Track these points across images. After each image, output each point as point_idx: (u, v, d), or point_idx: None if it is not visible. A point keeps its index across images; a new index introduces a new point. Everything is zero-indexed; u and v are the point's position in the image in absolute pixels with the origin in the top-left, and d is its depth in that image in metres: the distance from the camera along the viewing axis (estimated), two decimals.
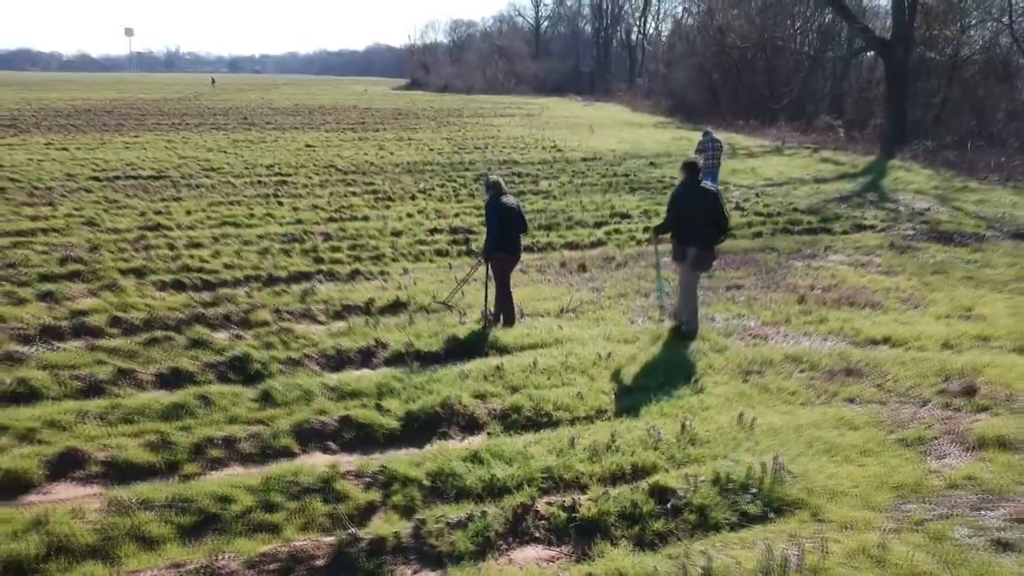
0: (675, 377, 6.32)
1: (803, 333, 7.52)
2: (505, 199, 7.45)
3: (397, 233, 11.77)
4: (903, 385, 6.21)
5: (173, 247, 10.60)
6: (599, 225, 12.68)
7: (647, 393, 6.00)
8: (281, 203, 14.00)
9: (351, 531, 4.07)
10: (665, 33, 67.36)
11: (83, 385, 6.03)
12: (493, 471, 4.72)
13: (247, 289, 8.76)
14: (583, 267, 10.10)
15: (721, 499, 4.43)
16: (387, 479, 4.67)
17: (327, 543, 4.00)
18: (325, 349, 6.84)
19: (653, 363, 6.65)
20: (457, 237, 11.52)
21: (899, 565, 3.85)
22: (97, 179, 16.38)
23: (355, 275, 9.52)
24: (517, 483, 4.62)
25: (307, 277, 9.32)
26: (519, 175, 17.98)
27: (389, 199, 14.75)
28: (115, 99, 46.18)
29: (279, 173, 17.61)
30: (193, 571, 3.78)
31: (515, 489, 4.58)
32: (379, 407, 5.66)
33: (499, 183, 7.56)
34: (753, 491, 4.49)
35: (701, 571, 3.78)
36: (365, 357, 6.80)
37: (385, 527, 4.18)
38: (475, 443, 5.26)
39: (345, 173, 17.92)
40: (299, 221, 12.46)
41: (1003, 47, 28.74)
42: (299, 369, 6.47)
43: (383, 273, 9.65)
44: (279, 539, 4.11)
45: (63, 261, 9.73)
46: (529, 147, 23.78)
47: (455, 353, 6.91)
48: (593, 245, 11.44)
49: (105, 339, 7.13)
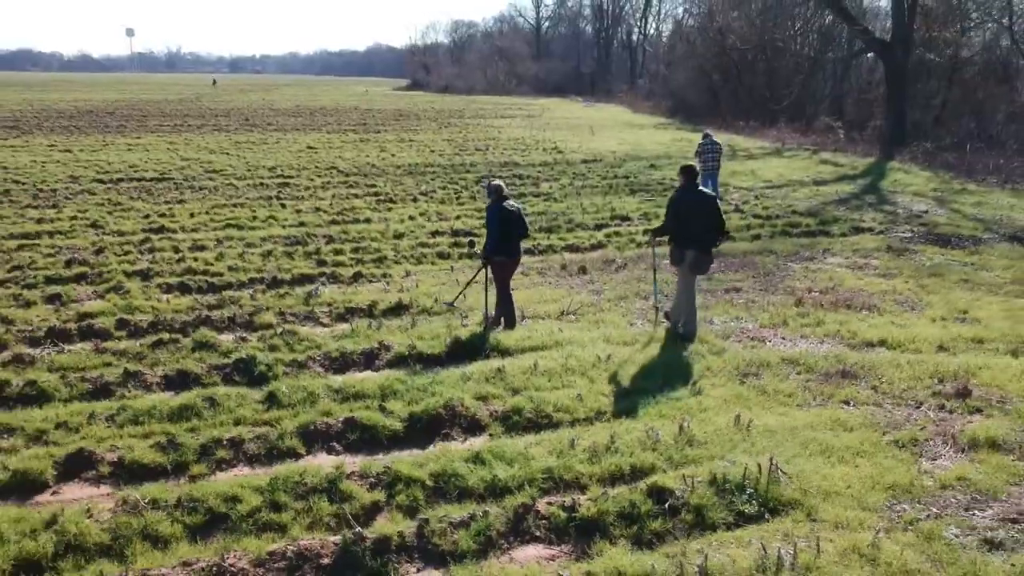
0: (673, 379, 6.43)
1: (800, 336, 7.62)
2: (507, 204, 7.54)
3: (399, 236, 11.87)
4: (898, 387, 6.30)
5: (177, 250, 10.71)
6: (599, 227, 12.78)
7: (646, 395, 6.10)
8: (284, 205, 14.11)
9: (356, 530, 4.17)
10: (666, 34, 67.50)
11: (91, 387, 6.15)
12: (495, 472, 4.82)
13: (251, 292, 8.86)
14: (583, 269, 10.20)
15: (718, 499, 4.53)
16: (391, 479, 4.78)
17: (333, 542, 4.10)
18: (329, 351, 6.95)
19: (652, 365, 6.75)
20: (459, 239, 11.62)
21: (890, 564, 3.95)
22: (101, 181, 16.51)
23: (358, 278, 9.62)
24: (518, 483, 4.73)
25: (310, 280, 9.43)
26: (520, 177, 18.08)
27: (391, 201, 14.86)
28: (117, 100, 46.33)
29: (281, 175, 17.73)
30: (203, 569, 3.88)
31: (516, 489, 4.68)
32: (383, 409, 5.76)
33: (500, 187, 7.66)
34: (749, 491, 4.59)
35: (697, 569, 3.88)
36: (368, 359, 6.91)
37: (389, 526, 4.28)
38: (477, 444, 5.36)
39: (347, 175, 18.03)
40: (302, 224, 12.57)
41: (1003, 48, 28.84)
42: (304, 371, 6.58)
43: (385, 276, 9.76)
44: (286, 538, 4.21)
45: (69, 263, 9.85)
46: (530, 149, 23.89)
47: (457, 355, 7.01)
48: (593, 247, 11.54)
49: (112, 341, 7.25)
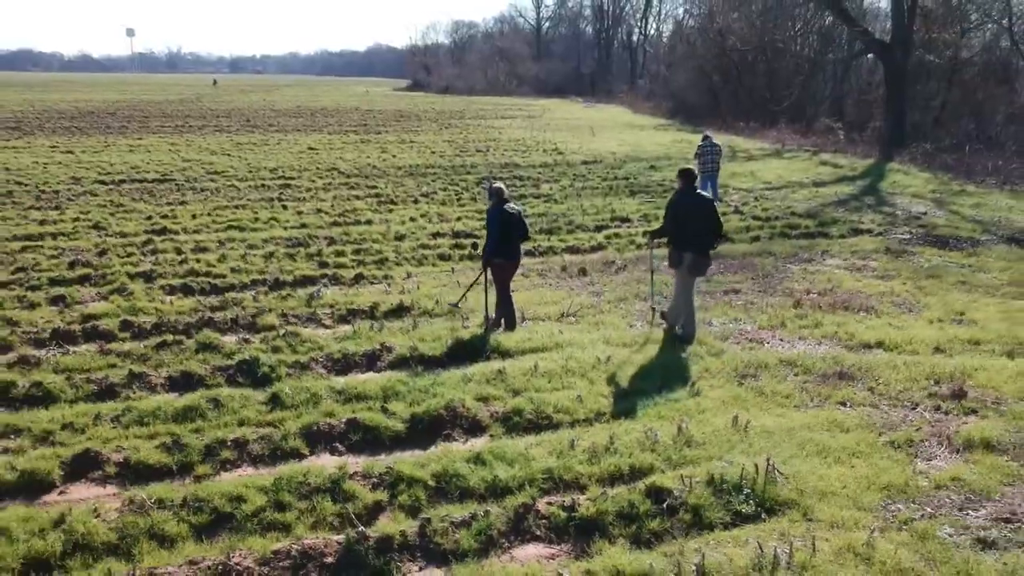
0: (672, 380, 6.50)
1: (798, 337, 7.69)
2: (507, 207, 7.59)
3: (400, 237, 11.94)
4: (894, 388, 6.37)
5: (180, 251, 10.78)
6: (599, 229, 12.85)
7: (645, 396, 6.17)
8: (285, 207, 14.18)
9: (359, 530, 4.24)
10: (666, 35, 67.57)
11: (96, 388, 6.22)
12: (495, 472, 4.89)
13: (254, 293, 8.93)
14: (583, 271, 10.27)
15: (715, 499, 4.60)
16: (393, 480, 4.85)
17: (336, 541, 4.17)
18: (331, 353, 7.02)
19: (651, 367, 6.82)
20: (460, 241, 11.69)
21: (884, 563, 4.01)
22: (103, 182, 16.59)
23: (359, 279, 9.69)
24: (519, 484, 4.80)
25: (312, 281, 9.50)
26: (520, 178, 18.15)
27: (392, 203, 14.93)
28: (118, 100, 46.42)
29: (282, 176, 17.79)
30: (209, 568, 3.95)
31: (517, 489, 4.75)
32: (385, 410, 5.83)
33: (502, 190, 7.70)
34: (746, 491, 4.66)
35: (695, 568, 3.95)
36: (370, 361, 6.98)
37: (392, 526, 4.35)
38: (478, 445, 5.43)
39: (348, 176, 18.10)
40: (303, 225, 12.64)
41: (1003, 49, 28.90)
42: (306, 372, 6.64)
43: (387, 277, 9.83)
44: (290, 537, 4.28)
45: (72, 265, 9.92)
46: (530, 150, 23.96)
47: (458, 357, 7.08)
48: (593, 249, 11.61)
49: (116, 343, 7.33)
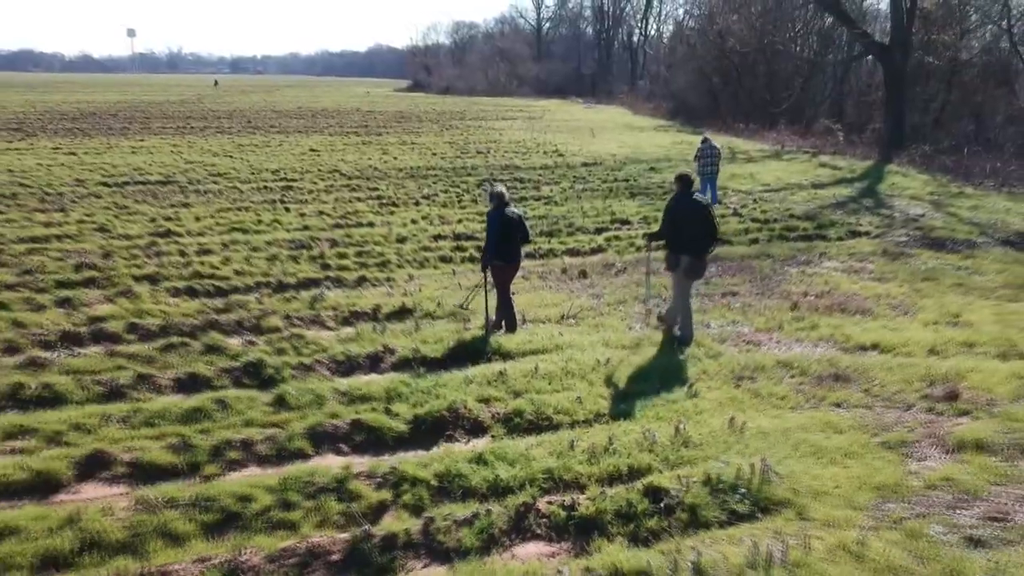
0: (670, 382, 6.60)
1: (795, 339, 7.80)
2: (508, 210, 7.66)
3: (402, 239, 12.05)
4: (889, 390, 6.48)
5: (184, 253, 10.88)
6: (599, 231, 12.95)
7: (643, 397, 6.28)
8: (288, 209, 14.29)
9: (364, 528, 4.35)
10: (667, 36, 67.67)
11: (105, 390, 6.32)
12: (497, 472, 5.00)
13: (258, 295, 9.05)
14: (584, 273, 10.38)
15: (711, 498, 4.71)
16: (397, 479, 4.96)
17: (342, 539, 4.29)
18: (335, 354, 7.13)
19: (650, 368, 6.93)
20: (461, 243, 11.80)
21: (876, 560, 4.12)
22: (106, 184, 16.67)
23: (362, 281, 9.80)
24: (519, 483, 4.91)
25: (315, 283, 9.60)
26: (521, 181, 18.25)
27: (393, 205, 15.03)
28: (119, 101, 46.52)
29: (284, 178, 17.90)
30: (218, 565, 4.07)
31: (518, 489, 4.86)
32: (388, 411, 5.95)
33: (502, 195, 7.74)
34: (742, 491, 4.77)
35: (691, 565, 4.06)
36: (374, 362, 7.09)
37: (396, 524, 4.47)
38: (480, 445, 5.54)
39: (349, 178, 18.20)
40: (306, 227, 12.75)
41: (1002, 51, 28.98)
42: (311, 374, 6.75)
43: (389, 279, 9.94)
44: (297, 535, 4.40)
45: (78, 267, 10.01)
46: (531, 152, 24.05)
47: (460, 358, 7.19)
48: (593, 251, 11.72)
49: (123, 345, 7.43)
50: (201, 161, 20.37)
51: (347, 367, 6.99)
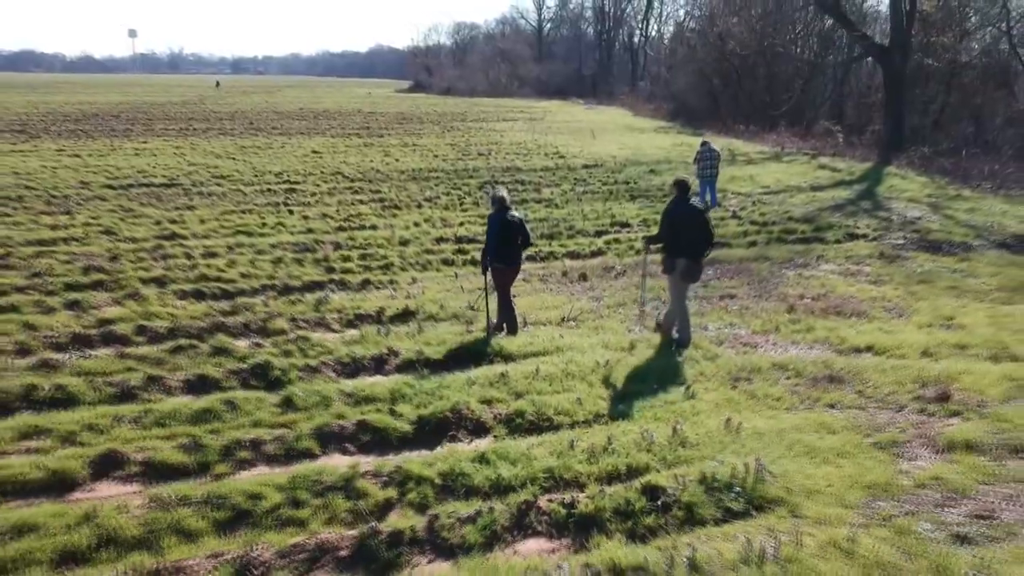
0: (668, 383, 6.75)
1: (791, 342, 7.95)
2: (509, 214, 7.80)
3: (405, 242, 12.20)
4: (882, 391, 6.63)
5: (190, 256, 11.04)
6: (599, 234, 13.10)
7: (642, 399, 6.44)
8: (291, 212, 14.45)
9: (371, 525, 4.51)
10: (667, 36, 67.78)
11: (116, 391, 6.48)
12: (499, 471, 5.15)
13: (264, 298, 9.20)
14: (584, 276, 10.53)
15: (707, 497, 4.86)
16: (402, 478, 5.11)
17: (350, 536, 4.45)
18: (340, 357, 7.28)
19: (648, 370, 7.08)
20: (463, 246, 11.95)
21: (865, 556, 4.27)
22: (111, 187, 16.83)
23: (366, 284, 9.95)
24: (521, 482, 5.07)
25: (320, 286, 9.75)
26: (522, 183, 18.41)
27: (396, 207, 15.19)
28: (121, 102, 46.70)
29: (288, 181, 18.06)
30: (231, 560, 4.22)
31: (519, 488, 5.02)
32: (393, 412, 6.10)
33: (504, 199, 7.88)
34: (737, 490, 4.92)
35: (687, 561, 4.21)
36: (378, 364, 7.25)
37: (402, 521, 4.63)
38: (482, 445, 5.70)
39: (352, 181, 18.36)
40: (310, 230, 12.91)
41: (1002, 53, 29.10)
42: (317, 376, 6.91)
43: (392, 282, 10.09)
44: (306, 532, 4.55)
45: (86, 270, 10.17)
46: (531, 153, 24.20)
47: (462, 360, 7.34)
48: (593, 254, 11.87)
49: (132, 347, 7.59)
50: (204, 163, 20.54)
51: (352, 369, 7.15)
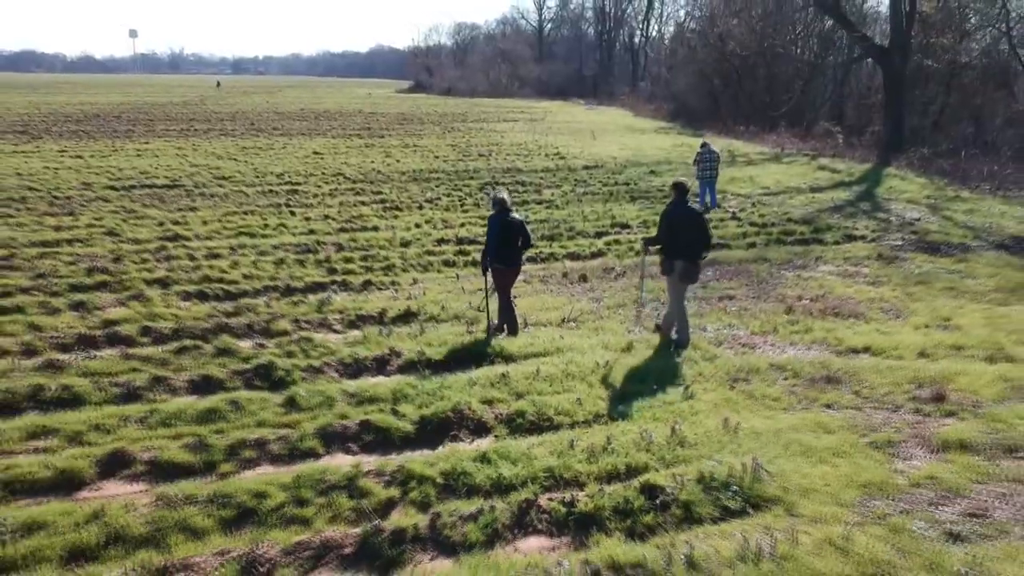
0: (667, 384, 6.83)
1: (789, 342, 8.02)
2: (510, 216, 7.87)
3: (406, 244, 12.28)
4: (878, 392, 6.71)
5: (193, 258, 11.12)
6: (600, 235, 13.18)
7: (641, 399, 6.51)
8: (293, 213, 14.52)
9: (375, 523, 4.59)
10: (668, 37, 67.86)
11: (122, 391, 6.57)
12: (500, 470, 5.24)
13: (266, 299, 9.28)
14: (584, 277, 10.60)
15: (705, 496, 4.94)
16: (405, 477, 5.19)
17: (354, 534, 4.53)
18: (343, 357, 7.36)
19: (647, 371, 7.15)
20: (463, 248, 12.03)
21: (860, 554, 4.35)
22: (113, 188, 16.91)
23: (367, 285, 10.03)
24: (522, 481, 5.15)
25: (322, 287, 9.83)
26: (523, 184, 18.48)
27: (397, 209, 15.27)
28: (122, 103, 46.79)
29: (289, 182, 18.14)
30: (237, 558, 4.30)
31: (520, 486, 5.10)
32: (395, 412, 6.18)
33: (504, 201, 7.93)
34: (734, 488, 5.00)
35: (684, 558, 4.29)
36: (380, 365, 7.33)
37: (405, 520, 4.70)
38: (483, 445, 5.78)
39: (353, 182, 18.44)
40: (311, 231, 12.99)
41: (1001, 53, 29.16)
42: (320, 376, 6.99)
43: (394, 283, 10.17)
44: (311, 530, 4.63)
45: (90, 272, 10.26)
46: (532, 154, 24.28)
47: (463, 361, 7.42)
48: (594, 256, 11.95)
49: (137, 348, 7.67)
50: (206, 164, 20.62)
51: (355, 369, 7.23)
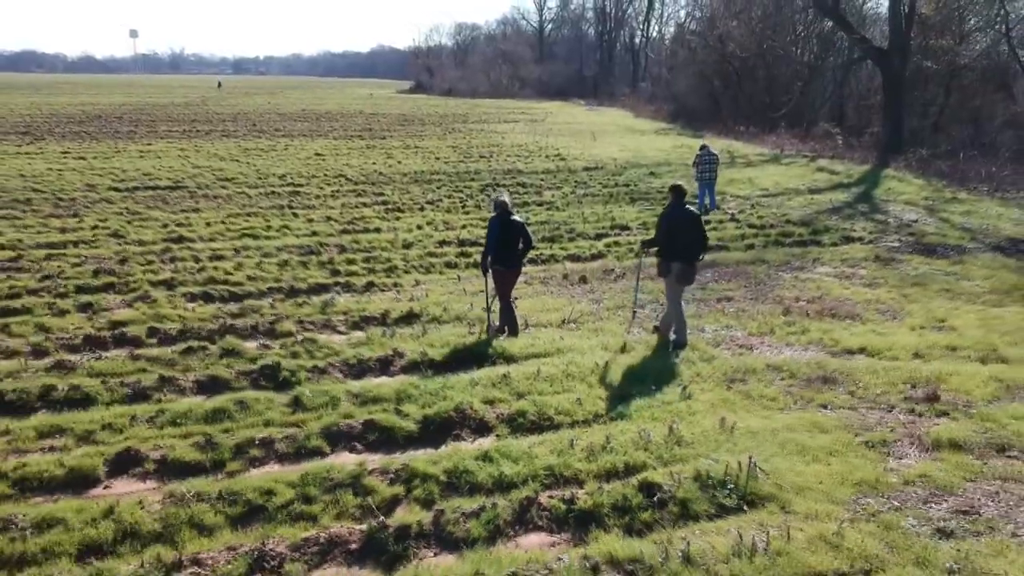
0: (665, 384, 6.96)
1: (786, 343, 8.15)
2: (510, 218, 7.98)
3: (408, 245, 12.41)
4: (873, 392, 6.83)
5: (198, 259, 11.25)
6: (600, 237, 13.30)
7: (640, 399, 6.64)
8: (296, 214, 14.65)
9: (379, 520, 4.71)
10: (668, 37, 67.96)
11: (130, 391, 6.70)
12: (501, 468, 5.36)
13: (271, 300, 9.40)
14: (584, 279, 10.73)
15: (701, 493, 5.06)
16: (408, 475, 5.32)
17: (359, 530, 4.65)
18: (347, 358, 7.49)
19: (646, 371, 7.28)
20: (465, 249, 12.15)
21: (852, 549, 4.47)
22: (117, 190, 17.04)
23: (370, 287, 10.16)
24: (523, 479, 5.27)
25: (326, 289, 9.96)
26: (523, 185, 18.61)
27: (399, 210, 15.40)
28: (124, 104, 46.94)
29: (291, 183, 18.27)
30: (246, 553, 4.42)
31: (521, 484, 5.22)
32: (398, 412, 6.31)
33: (505, 204, 8.05)
34: (730, 486, 5.12)
35: (681, 554, 4.41)
36: (384, 365, 7.45)
37: (409, 516, 4.83)
38: (485, 444, 5.90)
39: (355, 183, 18.57)
40: (314, 233, 13.12)
41: (1001, 55, 29.25)
42: (324, 377, 7.12)
43: (396, 285, 10.30)
44: (317, 526, 4.76)
45: (96, 273, 10.39)
46: (533, 155, 24.40)
47: (465, 362, 7.54)
48: (594, 257, 12.07)
49: (145, 348, 7.80)
50: (208, 166, 20.75)
51: (359, 370, 7.36)
